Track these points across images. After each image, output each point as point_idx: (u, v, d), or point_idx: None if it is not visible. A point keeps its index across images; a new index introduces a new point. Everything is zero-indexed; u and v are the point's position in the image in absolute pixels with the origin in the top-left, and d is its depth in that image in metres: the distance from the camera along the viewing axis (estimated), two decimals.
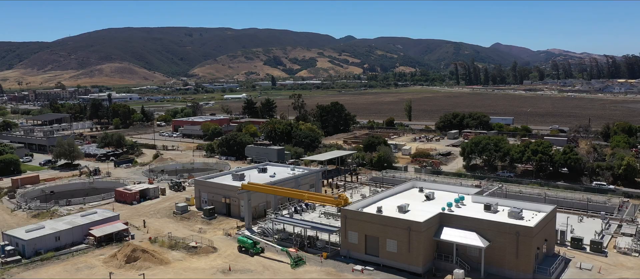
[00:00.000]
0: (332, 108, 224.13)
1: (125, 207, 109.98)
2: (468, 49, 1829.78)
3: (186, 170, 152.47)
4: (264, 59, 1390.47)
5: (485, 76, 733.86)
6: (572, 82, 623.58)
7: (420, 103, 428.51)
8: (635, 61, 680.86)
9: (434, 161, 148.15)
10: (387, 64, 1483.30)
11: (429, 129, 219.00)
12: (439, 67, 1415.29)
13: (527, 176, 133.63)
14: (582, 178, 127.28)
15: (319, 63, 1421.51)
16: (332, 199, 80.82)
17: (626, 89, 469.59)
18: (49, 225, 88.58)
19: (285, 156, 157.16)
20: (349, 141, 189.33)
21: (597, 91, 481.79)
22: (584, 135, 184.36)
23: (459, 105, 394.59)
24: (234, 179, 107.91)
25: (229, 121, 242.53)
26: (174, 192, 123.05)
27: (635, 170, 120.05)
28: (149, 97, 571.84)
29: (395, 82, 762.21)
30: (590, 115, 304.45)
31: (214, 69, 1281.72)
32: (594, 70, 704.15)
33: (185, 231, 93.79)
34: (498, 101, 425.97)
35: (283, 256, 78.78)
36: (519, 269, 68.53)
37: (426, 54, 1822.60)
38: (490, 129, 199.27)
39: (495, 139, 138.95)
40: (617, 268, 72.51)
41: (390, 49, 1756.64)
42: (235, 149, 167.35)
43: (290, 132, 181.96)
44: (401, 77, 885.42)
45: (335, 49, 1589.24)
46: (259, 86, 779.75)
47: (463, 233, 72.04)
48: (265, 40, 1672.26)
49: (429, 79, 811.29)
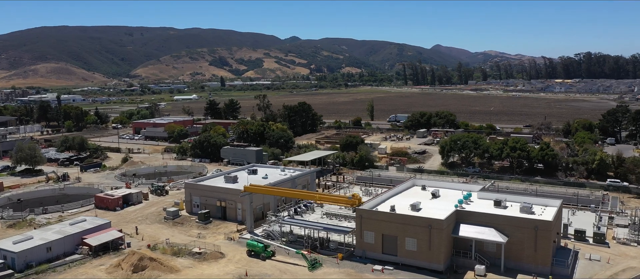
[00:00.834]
0: (299, 108, 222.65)
1: (108, 214, 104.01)
2: (411, 50, 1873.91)
3: (159, 173, 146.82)
4: (210, 60, 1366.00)
5: (432, 77, 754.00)
6: (514, 82, 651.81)
7: (374, 103, 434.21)
8: (570, 62, 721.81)
9: (418, 160, 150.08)
10: (333, 64, 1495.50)
11: (397, 128, 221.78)
12: (384, 68, 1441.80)
13: (503, 172, 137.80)
14: (557, 173, 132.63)
15: (266, 64, 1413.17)
16: (345, 199, 79.73)
17: (566, 89, 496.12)
18: (37, 235, 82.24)
19: (263, 157, 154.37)
20: (322, 141, 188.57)
21: (539, 90, 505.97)
22: (546, 132, 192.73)
23: (413, 105, 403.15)
24: (227, 182, 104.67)
25: (192, 123, 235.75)
26: (157, 197, 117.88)
27: (607, 165, 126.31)
28: (94, 98, 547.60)
29: (345, 83, 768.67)
30: (539, 113, 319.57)
31: (158, 70, 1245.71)
32: (533, 71, 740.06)
33: (183, 237, 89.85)
34: (449, 101, 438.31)
35: (296, 258, 76.91)
36: (538, 263, 70.15)
37: (371, 55, 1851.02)
38: (457, 127, 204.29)
39: (473, 137, 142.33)
40: (622, 258, 75.76)
41: (336, 49, 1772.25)
42: (210, 151, 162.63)
43: (263, 133, 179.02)
44: (350, 78, 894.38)
45: (282, 50, 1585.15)
46: (208, 86, 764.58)
47: (481, 228, 72.97)
48: (210, 40, 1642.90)
49: (378, 80, 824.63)
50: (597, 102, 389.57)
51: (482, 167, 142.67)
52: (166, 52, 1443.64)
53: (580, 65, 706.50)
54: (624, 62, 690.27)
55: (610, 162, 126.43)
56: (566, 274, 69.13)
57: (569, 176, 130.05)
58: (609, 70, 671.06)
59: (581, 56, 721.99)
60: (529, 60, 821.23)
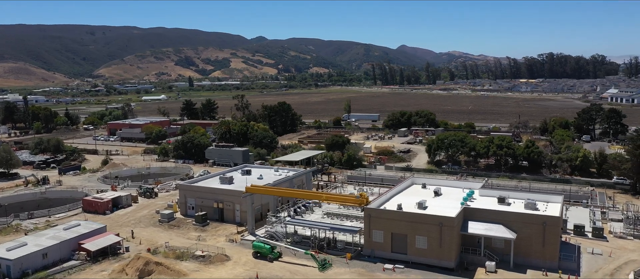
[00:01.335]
0: (279, 108, 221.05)
1: (98, 218, 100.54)
2: (377, 50, 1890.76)
3: (143, 175, 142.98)
4: (175, 60, 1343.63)
5: (401, 76, 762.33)
6: (480, 82, 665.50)
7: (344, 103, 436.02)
8: (534, 63, 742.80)
9: (404, 159, 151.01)
10: (301, 64, 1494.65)
11: (376, 127, 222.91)
12: (351, 68, 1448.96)
13: (489, 170, 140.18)
14: (541, 170, 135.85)
15: (233, 63, 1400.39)
16: (353, 199, 79.29)
17: (531, 88, 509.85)
18: (31, 241, 78.64)
19: (249, 157, 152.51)
20: (305, 141, 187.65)
21: (506, 90, 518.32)
22: (523, 130, 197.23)
23: (386, 104, 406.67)
24: (222, 183, 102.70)
25: (169, 123, 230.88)
26: (146, 200, 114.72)
27: (590, 161, 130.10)
28: (58, 99, 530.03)
29: (315, 83, 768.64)
30: (510, 112, 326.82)
31: (122, 70, 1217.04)
32: (498, 71, 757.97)
33: (182, 240, 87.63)
34: (420, 100, 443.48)
35: (304, 259, 76.06)
36: (546, 258, 71.40)
37: (338, 55, 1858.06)
38: (437, 126, 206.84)
39: (460, 136, 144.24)
40: (622, 251, 77.97)
41: (303, 50, 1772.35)
42: (194, 151, 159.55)
43: (247, 133, 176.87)
44: (319, 78, 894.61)
45: (249, 50, 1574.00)
46: (176, 87, 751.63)
47: (489, 225, 73.79)
48: (175, 40, 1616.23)
49: (347, 80, 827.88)
50: (563, 101, 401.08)
51: (468, 165, 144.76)
52: (130, 51, 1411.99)
53: (544, 66, 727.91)
54: (584, 62, 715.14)
55: (593, 159, 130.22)
56: (574, 269, 70.58)
57: (553, 173, 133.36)
58: (571, 70, 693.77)
59: (544, 57, 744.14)
60: (495, 60, 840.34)
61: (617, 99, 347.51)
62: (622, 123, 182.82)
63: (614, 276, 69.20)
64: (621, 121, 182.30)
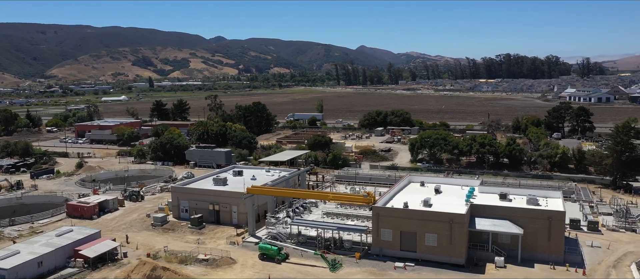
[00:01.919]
0: (254, 108, 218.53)
1: (85, 223, 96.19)
2: (337, 51, 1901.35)
3: (121, 178, 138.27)
4: (133, 60, 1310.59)
5: (363, 77, 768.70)
6: (442, 82, 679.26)
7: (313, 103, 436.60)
8: (492, 63, 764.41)
9: (387, 158, 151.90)
10: (261, 65, 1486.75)
11: (352, 127, 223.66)
12: (312, 68, 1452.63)
13: (471, 167, 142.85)
14: (522, 167, 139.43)
15: (193, 64, 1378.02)
16: (361, 198, 78.97)
17: (492, 88, 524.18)
18: (23, 249, 74.44)
19: (232, 158, 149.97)
20: (284, 141, 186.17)
21: (468, 89, 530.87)
22: (496, 129, 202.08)
23: (355, 104, 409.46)
24: (216, 184, 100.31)
25: (140, 124, 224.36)
26: (133, 203, 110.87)
27: (568, 158, 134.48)
28: (11, 101, 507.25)
29: (278, 83, 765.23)
30: (476, 111, 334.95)
31: (76, 70, 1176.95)
32: (458, 71, 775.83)
33: (180, 244, 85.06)
34: (387, 100, 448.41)
35: (313, 260, 75.17)
36: (552, 252, 73.11)
37: (298, 56, 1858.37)
38: (413, 125, 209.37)
39: (443, 134, 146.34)
40: (618, 244, 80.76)
41: (263, 50, 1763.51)
42: (173, 153, 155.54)
43: (225, 134, 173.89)
44: (281, 78, 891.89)
45: (208, 50, 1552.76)
46: (135, 87, 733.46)
47: (496, 221, 74.96)
48: (132, 39, 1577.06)
49: (310, 80, 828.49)
50: (524, 100, 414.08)
51: (450, 163, 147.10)
52: (84, 51, 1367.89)
53: (501, 66, 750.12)
54: (539, 63, 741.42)
55: (571, 156, 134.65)
56: (579, 262, 72.56)
57: (533, 169, 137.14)
58: (527, 70, 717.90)
59: (502, 57, 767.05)
60: (454, 61, 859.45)
61: (575, 98, 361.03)
62: (590, 121, 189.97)
63: (617, 268, 71.51)
64: (589, 119, 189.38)
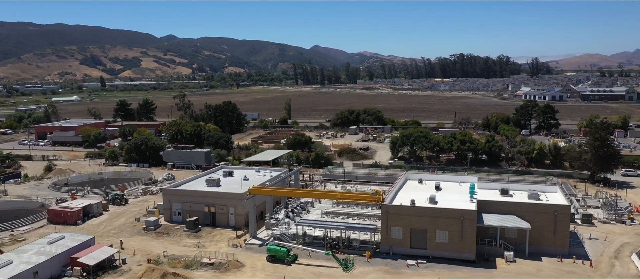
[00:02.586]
0: (225, 108, 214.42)
1: (70, 229, 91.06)
2: (292, 50, 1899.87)
3: (95, 181, 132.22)
4: (80, 58, 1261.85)
5: (322, 76, 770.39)
6: (399, 81, 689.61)
7: (277, 102, 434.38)
8: (446, 63, 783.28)
9: (367, 156, 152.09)
10: (215, 64, 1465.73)
11: (324, 126, 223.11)
12: (267, 68, 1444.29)
13: (451, 164, 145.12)
14: (500, 163, 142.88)
15: (144, 63, 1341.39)
16: (370, 197, 78.30)
17: (450, 87, 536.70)
18: (16, 258, 69.50)
19: (211, 158, 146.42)
20: (259, 141, 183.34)
21: (426, 88, 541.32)
22: (466, 126, 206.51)
23: (318, 103, 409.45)
24: (209, 186, 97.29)
25: (105, 125, 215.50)
26: (117, 207, 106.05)
27: (545, 153, 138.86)
28: None
29: (236, 83, 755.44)
30: (438, 109, 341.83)
31: (19, 69, 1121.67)
32: (414, 70, 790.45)
33: (179, 248, 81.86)
34: (349, 99, 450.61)
35: (323, 260, 73.93)
36: (557, 245, 74.92)
37: (253, 55, 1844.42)
38: (385, 124, 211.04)
39: (424, 132, 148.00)
40: (614, 235, 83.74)
41: (217, 49, 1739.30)
42: (148, 154, 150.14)
43: (200, 134, 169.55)
44: (238, 78, 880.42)
45: (160, 49, 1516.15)
46: (86, 87, 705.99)
47: (503, 216, 76.16)
48: (79, 37, 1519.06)
49: (268, 79, 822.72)
50: (481, 98, 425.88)
51: (430, 160, 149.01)
52: (27, 49, 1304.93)
53: (455, 66, 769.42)
54: (492, 62, 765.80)
55: (547, 152, 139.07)
56: (583, 254, 74.70)
57: (511, 165, 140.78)
58: (480, 69, 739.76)
59: (456, 57, 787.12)
60: (410, 61, 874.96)
61: (530, 96, 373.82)
62: (555, 118, 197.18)
63: (618, 259, 74.04)
64: (554, 116, 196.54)
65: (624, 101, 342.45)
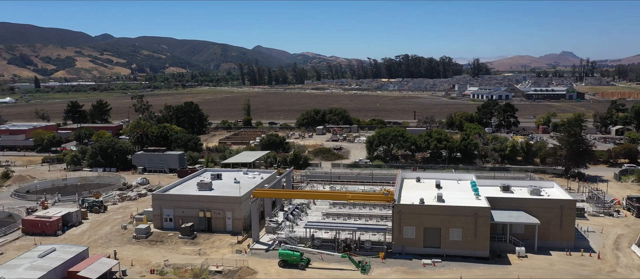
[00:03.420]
0: (187, 109, 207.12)
1: (49, 240, 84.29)
2: (234, 50, 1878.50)
3: (60, 188, 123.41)
4: (8, 58, 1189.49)
5: (269, 76, 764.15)
6: (347, 81, 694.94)
7: (229, 103, 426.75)
8: (392, 64, 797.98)
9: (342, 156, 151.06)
10: (155, 64, 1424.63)
11: (289, 126, 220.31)
12: (209, 68, 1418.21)
13: (426, 162, 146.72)
14: (474, 160, 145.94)
15: (79, 63, 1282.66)
16: (382, 196, 76.94)
17: (399, 87, 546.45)
18: (6, 274, 62.93)
19: (185, 161, 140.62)
20: (228, 142, 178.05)
21: (376, 88, 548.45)
22: (431, 125, 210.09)
23: (272, 104, 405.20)
24: (201, 190, 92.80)
25: (56, 128, 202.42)
26: (97, 215, 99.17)
27: (517, 150, 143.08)
28: None
29: (182, 83, 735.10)
30: (392, 109, 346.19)
31: None
32: (361, 71, 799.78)
33: (178, 256, 77.28)
34: (302, 99, 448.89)
35: (335, 263, 71.97)
36: (563, 239, 76.70)
37: (194, 55, 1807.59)
38: (351, 123, 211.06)
39: (401, 131, 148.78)
40: (607, 228, 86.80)
41: (156, 49, 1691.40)
42: (115, 158, 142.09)
43: (167, 136, 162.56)
44: (181, 78, 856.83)
45: (96, 48, 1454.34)
46: (19, 88, 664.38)
47: (512, 213, 77.09)
48: (6, 36, 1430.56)
49: (213, 80, 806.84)
50: (431, 98, 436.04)
51: (406, 159, 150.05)
52: None
53: (401, 66, 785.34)
54: (435, 63, 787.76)
55: (519, 148, 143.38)
56: (588, 246, 76.89)
57: (485, 162, 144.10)
58: (424, 70, 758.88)
59: (400, 58, 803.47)
60: (352, 61, 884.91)
61: (478, 96, 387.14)
62: (515, 116, 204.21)
63: (620, 250, 76.72)
64: (514, 115, 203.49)
65: (565, 100, 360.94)
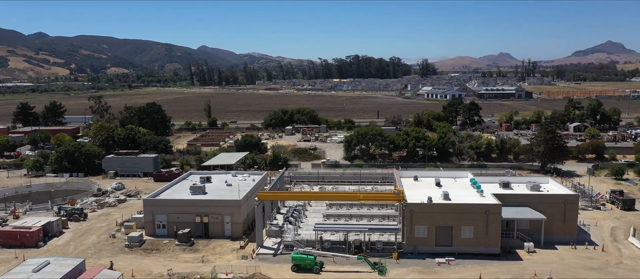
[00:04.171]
0: (150, 110, 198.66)
1: (31, 252, 77.83)
2: (179, 50, 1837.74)
3: (24, 195, 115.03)
4: None
5: (219, 77, 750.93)
6: (299, 81, 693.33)
7: (183, 104, 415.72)
8: (343, 64, 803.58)
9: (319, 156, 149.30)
10: (96, 64, 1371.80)
11: (256, 126, 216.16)
12: (153, 68, 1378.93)
13: (403, 160, 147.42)
14: (451, 158, 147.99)
15: (12, 63, 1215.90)
16: (393, 196, 75.76)
17: (352, 87, 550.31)
18: None
19: (159, 164, 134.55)
20: (197, 144, 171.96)
21: (330, 88, 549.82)
22: (399, 124, 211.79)
23: (228, 104, 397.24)
24: (195, 194, 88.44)
25: (7, 131, 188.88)
26: (77, 223, 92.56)
27: (492, 148, 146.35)
28: None
29: (128, 84, 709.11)
30: (351, 109, 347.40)
31: None
32: (312, 71, 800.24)
33: (181, 265, 73.04)
34: (258, 100, 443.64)
35: (348, 265, 70.20)
36: (566, 233, 78.36)
37: (137, 55, 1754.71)
38: (320, 123, 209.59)
39: (379, 131, 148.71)
40: (600, 221, 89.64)
41: (96, 48, 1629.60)
42: (83, 162, 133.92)
43: (135, 138, 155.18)
44: (126, 79, 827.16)
45: (30, 47, 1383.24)
46: None
47: (519, 209, 78.00)
48: None
49: (161, 80, 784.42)
50: (386, 98, 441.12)
51: (383, 158, 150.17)
52: None
53: (351, 66, 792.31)
54: (385, 64, 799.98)
55: (494, 146, 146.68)
56: (590, 240, 78.87)
57: (461, 160, 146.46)
58: (375, 70, 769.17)
59: (351, 58, 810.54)
60: (308, 62, 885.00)
61: (432, 95, 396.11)
62: (479, 115, 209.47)
63: (618, 242, 79.20)
64: (478, 113, 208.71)
65: (515, 99, 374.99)
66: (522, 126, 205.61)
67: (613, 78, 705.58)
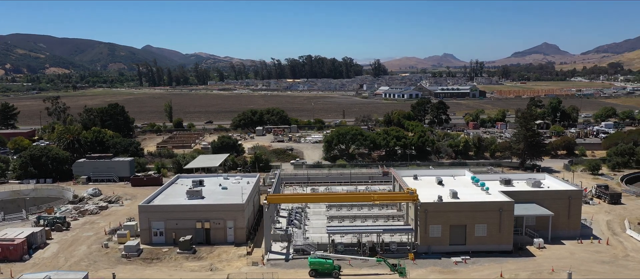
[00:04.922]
0: (112, 111, 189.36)
1: (17, 267, 71.56)
2: (123, 50, 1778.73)
3: None
4: None
5: (169, 77, 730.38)
6: (253, 82, 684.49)
7: (137, 105, 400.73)
8: (296, 64, 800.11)
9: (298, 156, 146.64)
10: (33, 64, 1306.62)
11: (223, 128, 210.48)
12: (96, 68, 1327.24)
13: (382, 159, 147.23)
14: (430, 157, 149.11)
15: None
16: (407, 196, 74.39)
17: (309, 87, 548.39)
18: None
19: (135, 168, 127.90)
20: (168, 146, 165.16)
21: (286, 89, 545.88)
22: (370, 123, 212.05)
23: (185, 105, 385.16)
24: (192, 198, 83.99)
25: None
26: (61, 233, 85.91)
27: (469, 146, 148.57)
28: None
29: (73, 85, 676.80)
30: (314, 109, 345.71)
31: None
32: (264, 72, 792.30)
33: (188, 274, 69.04)
34: (214, 100, 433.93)
35: (366, 268, 68.56)
36: (570, 228, 79.83)
37: (77, 55, 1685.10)
38: (289, 123, 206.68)
39: (359, 130, 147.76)
40: (592, 215, 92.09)
41: (33, 48, 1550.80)
42: (51, 167, 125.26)
43: (103, 141, 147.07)
44: (68, 79, 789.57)
45: None
46: None
47: (527, 205, 78.73)
48: None
49: (108, 80, 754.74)
50: (343, 97, 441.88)
51: (363, 157, 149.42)
52: None
53: (304, 67, 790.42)
54: (338, 64, 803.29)
55: (471, 144, 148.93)
56: (593, 234, 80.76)
57: (439, 158, 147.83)
58: (328, 70, 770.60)
59: (304, 59, 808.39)
60: (260, 62, 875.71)
61: (390, 95, 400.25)
62: (447, 114, 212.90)
63: (617, 235, 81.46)
64: (446, 112, 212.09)
65: (470, 98, 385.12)
66: (487, 124, 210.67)
67: (554, 78, 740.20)
